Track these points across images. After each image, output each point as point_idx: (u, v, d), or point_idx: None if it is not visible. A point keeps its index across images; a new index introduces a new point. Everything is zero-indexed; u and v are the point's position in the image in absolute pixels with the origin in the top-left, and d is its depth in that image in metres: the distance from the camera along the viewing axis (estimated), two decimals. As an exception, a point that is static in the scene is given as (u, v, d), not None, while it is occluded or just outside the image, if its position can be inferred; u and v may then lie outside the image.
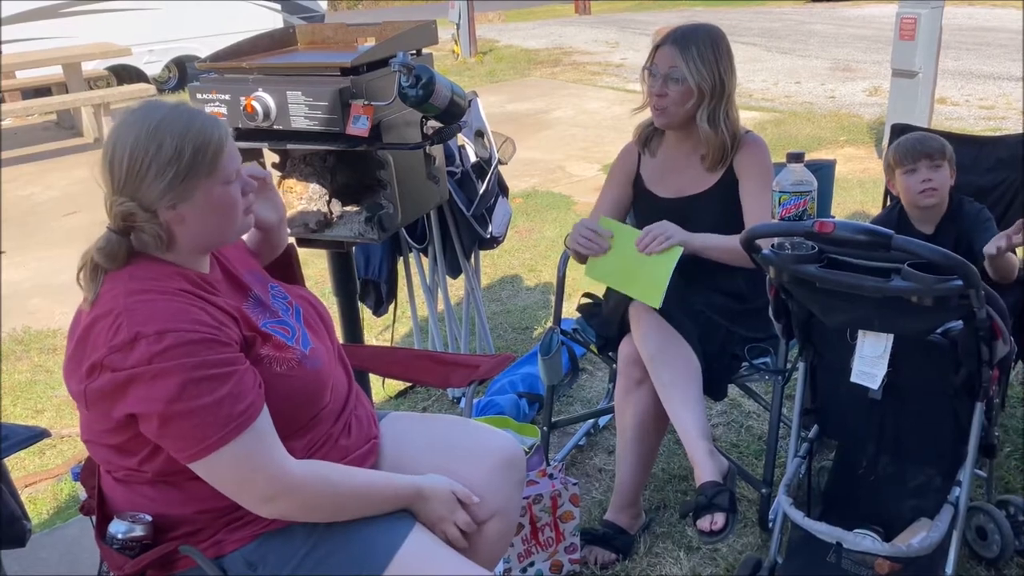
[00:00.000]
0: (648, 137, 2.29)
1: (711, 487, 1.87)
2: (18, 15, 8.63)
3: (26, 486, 2.62)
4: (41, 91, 8.34)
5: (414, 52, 2.14)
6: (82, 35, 8.68)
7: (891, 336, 1.67)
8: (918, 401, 1.78)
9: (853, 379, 1.73)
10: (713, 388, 2.12)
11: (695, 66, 2.08)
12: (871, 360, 1.69)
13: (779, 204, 1.70)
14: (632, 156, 2.33)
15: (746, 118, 7.08)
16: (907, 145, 2.20)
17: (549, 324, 2.42)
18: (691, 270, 2.15)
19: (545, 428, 2.46)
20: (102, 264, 1.30)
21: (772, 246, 1.70)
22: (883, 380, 1.70)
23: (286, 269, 1.74)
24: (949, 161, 2.17)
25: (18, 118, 8.73)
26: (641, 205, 2.32)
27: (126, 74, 9.29)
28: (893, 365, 1.69)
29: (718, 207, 2.19)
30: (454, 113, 1.99)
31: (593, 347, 2.45)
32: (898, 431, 1.83)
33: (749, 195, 2.14)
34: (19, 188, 6.47)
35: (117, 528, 1.31)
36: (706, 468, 1.90)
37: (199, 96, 2.02)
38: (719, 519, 1.83)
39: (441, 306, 3.09)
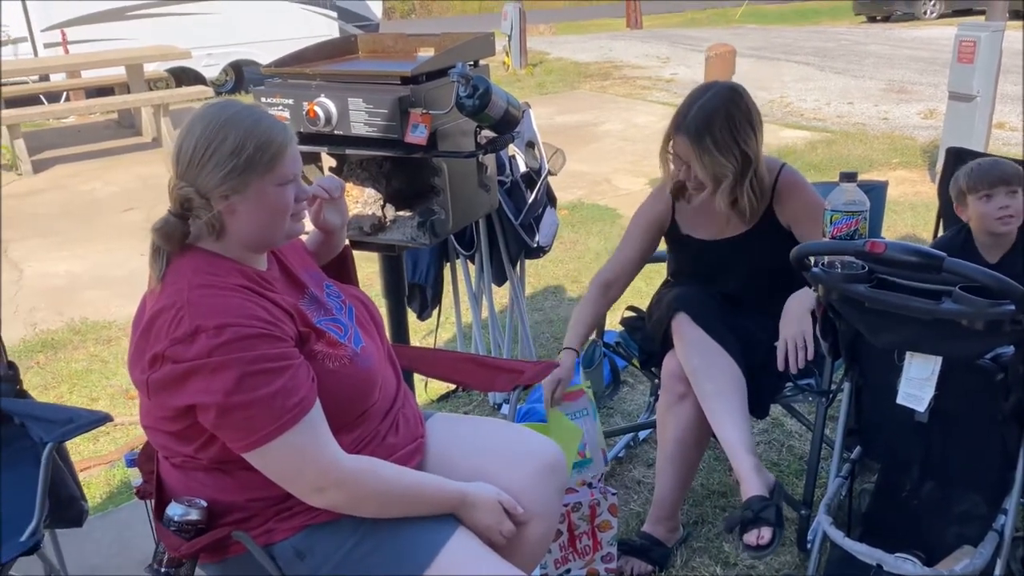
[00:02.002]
0: (682, 187, 2.21)
1: (758, 501, 1.86)
2: (86, 16, 8.93)
3: (80, 471, 2.71)
4: (104, 91, 8.62)
5: (472, 63, 2.18)
6: (145, 37, 8.96)
7: (939, 359, 1.66)
8: (965, 426, 1.76)
9: (899, 401, 1.73)
10: (755, 406, 2.11)
11: (710, 159, 2.01)
12: (918, 382, 1.68)
13: (830, 223, 1.70)
14: (665, 203, 2.27)
15: (796, 137, 7.09)
16: (983, 171, 2.13)
17: (591, 336, 2.44)
18: (743, 297, 2.17)
19: (585, 438, 2.48)
20: (158, 243, 1.36)
21: (822, 264, 1.70)
22: (930, 403, 1.69)
23: (341, 269, 1.79)
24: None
25: (81, 116, 9.03)
26: (681, 250, 2.30)
27: (185, 76, 9.55)
28: (941, 388, 1.67)
29: (760, 248, 2.16)
30: (508, 123, 2.03)
31: (635, 361, 2.46)
32: (944, 455, 1.81)
33: (812, 237, 2.07)
34: (82, 183, 6.68)
35: (174, 511, 1.36)
36: (752, 482, 1.90)
37: (263, 100, 2.08)
38: (766, 533, 1.82)
39: (485, 313, 3.13)
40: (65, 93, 8.87)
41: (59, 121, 9.04)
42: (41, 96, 8.73)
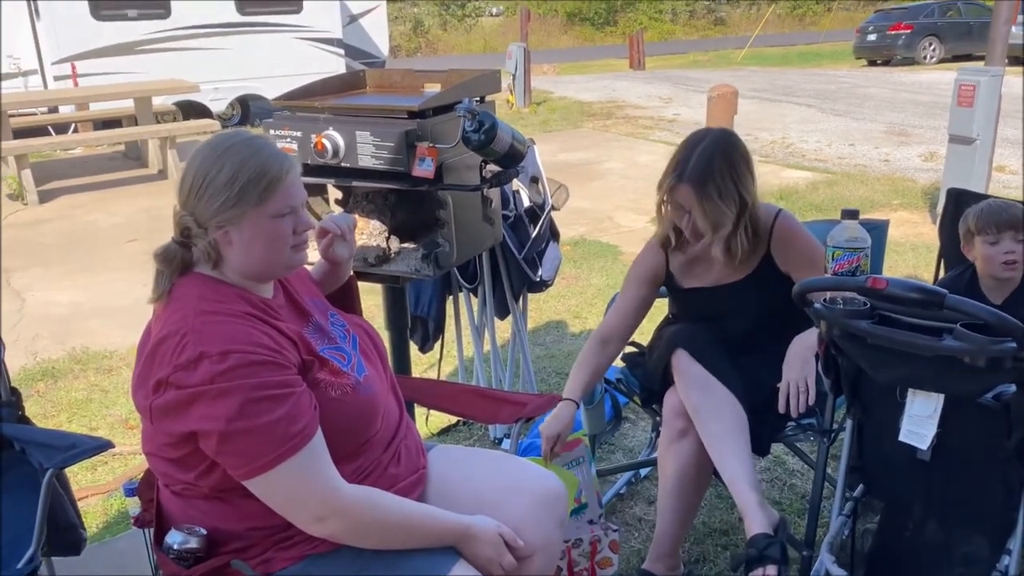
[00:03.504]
0: (671, 239, 2.20)
1: (762, 538, 1.85)
2: (96, 50, 9.06)
3: (78, 500, 2.69)
4: (111, 123, 8.70)
5: (478, 99, 2.21)
6: (153, 71, 9.08)
7: (942, 396, 1.66)
8: (968, 464, 1.76)
9: (902, 438, 1.72)
10: (757, 445, 2.09)
11: (712, 206, 2.01)
12: (920, 420, 1.68)
13: (832, 259, 1.71)
14: (660, 255, 2.25)
15: (798, 178, 7.14)
16: (991, 213, 2.13)
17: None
18: (746, 339, 2.16)
19: (586, 474, 2.46)
20: (158, 266, 1.39)
21: (824, 300, 1.71)
22: (932, 441, 1.69)
23: (345, 299, 1.80)
24: None
25: (88, 147, 9.11)
26: (680, 298, 2.29)
27: (192, 110, 9.66)
28: (943, 426, 1.67)
29: (760, 292, 2.15)
30: (514, 158, 2.06)
31: (636, 398, 2.44)
32: (946, 494, 1.80)
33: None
34: (85, 214, 6.72)
35: (173, 539, 1.36)
36: (756, 519, 1.88)
37: (272, 132, 2.11)
38: (771, 571, 1.80)
39: (487, 346, 3.13)
40: (73, 124, 8.96)
41: (66, 152, 9.12)
42: (49, 127, 8.82)
